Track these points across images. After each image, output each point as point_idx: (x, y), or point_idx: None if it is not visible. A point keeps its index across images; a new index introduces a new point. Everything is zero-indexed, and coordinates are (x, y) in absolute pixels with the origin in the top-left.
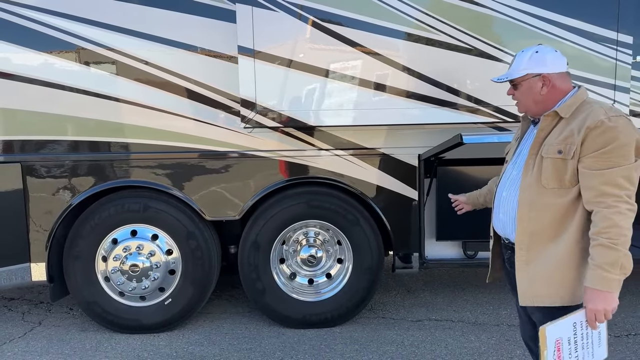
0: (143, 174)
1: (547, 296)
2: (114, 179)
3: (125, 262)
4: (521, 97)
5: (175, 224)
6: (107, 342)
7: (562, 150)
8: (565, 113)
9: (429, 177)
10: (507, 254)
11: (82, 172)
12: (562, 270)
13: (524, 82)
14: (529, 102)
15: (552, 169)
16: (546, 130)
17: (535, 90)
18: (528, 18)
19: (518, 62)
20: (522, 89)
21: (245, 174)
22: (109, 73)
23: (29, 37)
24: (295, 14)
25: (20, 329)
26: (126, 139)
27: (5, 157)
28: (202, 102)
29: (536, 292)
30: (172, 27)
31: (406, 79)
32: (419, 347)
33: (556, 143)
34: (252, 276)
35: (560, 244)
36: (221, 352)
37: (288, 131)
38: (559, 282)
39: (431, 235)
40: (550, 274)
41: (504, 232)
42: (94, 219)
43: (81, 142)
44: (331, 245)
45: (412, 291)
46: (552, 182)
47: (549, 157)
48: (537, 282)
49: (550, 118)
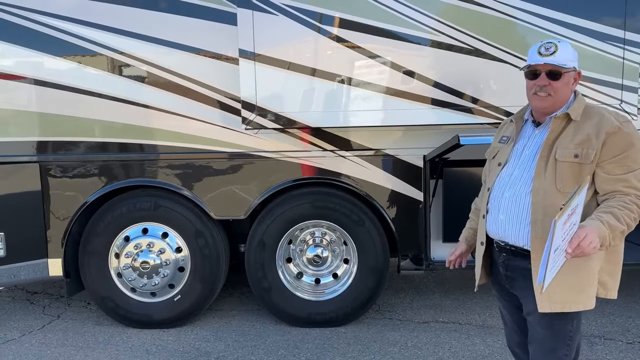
0: (154, 174)
1: (566, 302)
2: (126, 179)
3: (137, 259)
4: (559, 90)
5: (185, 222)
6: (119, 335)
7: (579, 155)
8: (576, 115)
9: (435, 178)
10: (503, 257)
11: (96, 172)
12: (581, 274)
13: (566, 74)
14: (560, 98)
15: (569, 173)
16: (556, 132)
17: (570, 86)
18: (533, 18)
19: (566, 51)
20: (563, 81)
21: (251, 174)
22: (121, 77)
23: (37, 40)
24: (295, 17)
25: (39, 321)
26: (139, 140)
27: (24, 158)
28: (210, 105)
29: (554, 299)
30: (185, 32)
31: (407, 80)
32: (421, 349)
33: (572, 147)
34: (258, 274)
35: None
36: (226, 348)
37: (293, 132)
38: (578, 287)
39: (437, 236)
40: (569, 279)
41: (502, 234)
42: (108, 217)
43: (95, 143)
44: (338, 245)
45: (422, 293)
46: (567, 186)
47: (565, 161)
48: (556, 288)
49: (560, 120)
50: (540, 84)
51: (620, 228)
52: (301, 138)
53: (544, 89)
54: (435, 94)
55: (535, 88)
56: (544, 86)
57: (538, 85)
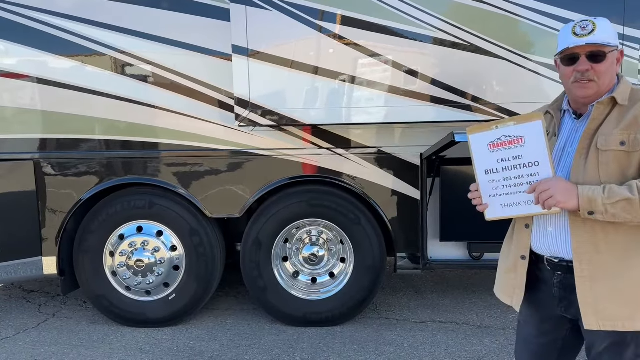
0: (149, 172)
1: (620, 319)
2: (120, 177)
3: (131, 258)
4: (603, 73)
5: (179, 220)
6: (114, 334)
7: (625, 142)
8: (623, 99)
9: (432, 177)
10: (558, 276)
11: (91, 170)
12: (637, 285)
13: (610, 54)
14: (605, 82)
15: (614, 163)
16: (599, 120)
17: (614, 67)
18: (529, 13)
19: (605, 28)
20: (607, 63)
21: (247, 172)
22: (116, 74)
23: (35, 38)
24: (288, 13)
25: (35, 319)
26: (134, 138)
27: (18, 155)
28: (204, 102)
29: (605, 314)
30: (179, 29)
31: (404, 78)
32: (417, 349)
33: (617, 133)
34: (253, 273)
35: (632, 252)
36: (221, 347)
37: (288, 130)
38: (633, 301)
39: (434, 235)
40: (623, 290)
41: (554, 250)
42: (102, 215)
43: (89, 140)
44: (334, 244)
45: (420, 292)
46: (613, 179)
47: (610, 150)
48: (607, 301)
49: (604, 106)
50: (581, 69)
51: (626, 196)
52: (296, 135)
53: (585, 74)
54: (433, 91)
55: (576, 74)
56: (585, 71)
57: (578, 71)
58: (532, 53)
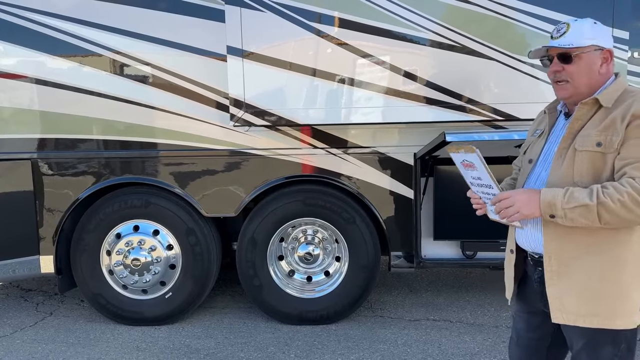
0: (146, 172)
1: (581, 315)
2: (117, 176)
3: (128, 257)
4: (575, 74)
5: (176, 220)
6: (110, 333)
7: (601, 143)
8: (607, 102)
9: (426, 176)
10: (539, 272)
11: (88, 169)
12: (600, 282)
13: (584, 55)
14: (582, 82)
15: (588, 164)
16: (582, 120)
17: (595, 67)
18: (522, 16)
19: (578, 30)
20: (581, 63)
21: (242, 172)
22: (113, 74)
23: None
24: (282, 15)
25: (32, 318)
26: (131, 138)
27: (15, 155)
28: (201, 102)
29: (569, 309)
30: (174, 29)
31: (398, 78)
32: (411, 347)
33: (594, 134)
34: (249, 272)
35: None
36: (216, 345)
37: (283, 130)
38: (596, 298)
39: (428, 234)
40: (586, 287)
41: (533, 245)
42: (99, 214)
43: (86, 140)
44: (329, 243)
45: (415, 291)
46: (586, 180)
47: (585, 150)
48: (571, 296)
49: (588, 107)
50: (552, 70)
51: (583, 202)
52: (292, 135)
53: (557, 75)
54: (426, 92)
55: (552, 75)
56: (556, 72)
57: (551, 72)
58: (525, 55)
